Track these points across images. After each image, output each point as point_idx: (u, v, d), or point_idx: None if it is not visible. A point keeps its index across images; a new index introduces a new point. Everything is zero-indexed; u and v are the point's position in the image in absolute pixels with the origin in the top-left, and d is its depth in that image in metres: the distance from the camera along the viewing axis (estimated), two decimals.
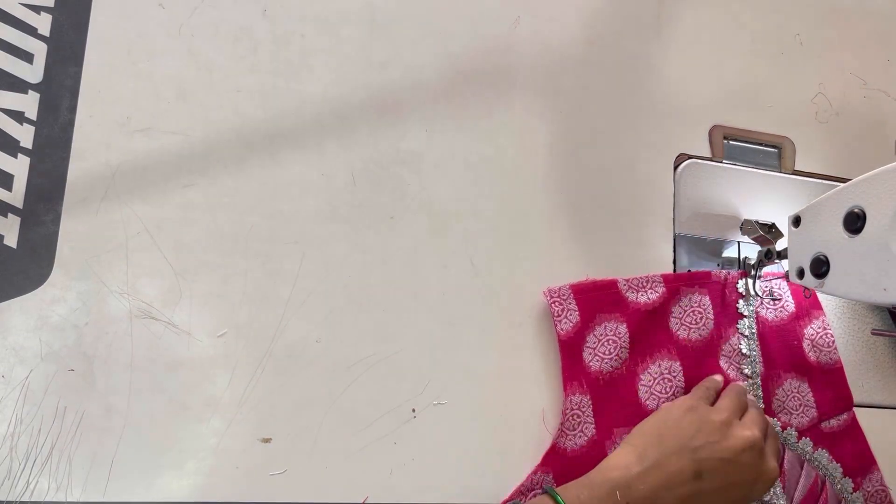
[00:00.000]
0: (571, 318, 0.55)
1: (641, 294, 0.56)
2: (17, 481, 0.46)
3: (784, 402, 0.58)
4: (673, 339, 0.56)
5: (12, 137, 0.51)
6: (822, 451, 0.57)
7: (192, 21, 0.55)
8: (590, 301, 0.56)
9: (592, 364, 0.55)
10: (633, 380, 0.55)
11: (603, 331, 0.55)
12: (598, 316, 0.56)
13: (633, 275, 0.57)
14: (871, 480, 0.58)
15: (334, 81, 0.57)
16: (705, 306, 0.57)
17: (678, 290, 0.57)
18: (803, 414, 0.58)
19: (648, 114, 0.62)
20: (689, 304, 0.57)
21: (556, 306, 0.55)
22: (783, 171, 0.63)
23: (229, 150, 0.54)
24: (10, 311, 0.48)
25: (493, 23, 0.60)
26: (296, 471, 0.50)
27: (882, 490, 0.58)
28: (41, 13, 0.53)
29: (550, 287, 0.56)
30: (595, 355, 0.55)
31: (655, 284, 0.57)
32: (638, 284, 0.57)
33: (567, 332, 0.55)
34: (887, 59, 0.68)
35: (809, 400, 0.58)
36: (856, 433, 0.58)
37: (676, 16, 0.64)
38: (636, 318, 0.56)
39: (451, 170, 0.57)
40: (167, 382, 0.49)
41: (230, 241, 0.52)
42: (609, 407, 0.55)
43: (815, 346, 0.59)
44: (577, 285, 0.56)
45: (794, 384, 0.58)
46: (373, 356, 0.52)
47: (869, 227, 0.45)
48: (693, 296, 0.57)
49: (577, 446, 0.54)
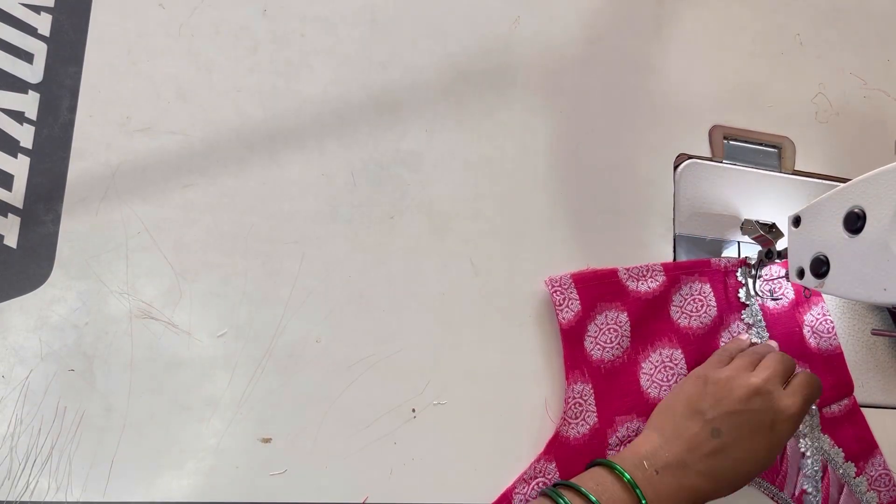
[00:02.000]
0: (573, 308, 0.55)
1: (642, 283, 0.57)
2: (17, 481, 0.46)
3: None
4: (674, 328, 0.57)
5: (12, 137, 0.51)
6: (824, 436, 0.57)
7: (192, 21, 0.55)
8: (591, 290, 0.56)
9: (594, 353, 0.55)
10: (634, 368, 0.56)
11: (604, 319, 0.56)
12: (599, 305, 0.56)
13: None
14: (874, 464, 0.58)
15: (334, 81, 0.57)
16: (706, 294, 0.58)
17: (678, 279, 0.57)
18: None
19: (648, 114, 0.62)
20: (689, 292, 0.57)
21: (557, 295, 0.55)
22: (783, 171, 0.63)
23: (229, 150, 0.54)
24: (10, 311, 0.48)
25: (493, 23, 0.60)
26: (296, 471, 0.50)
27: (885, 474, 0.58)
28: (41, 13, 0.53)
29: (552, 276, 0.56)
30: (596, 344, 0.55)
31: (656, 273, 0.57)
32: (638, 273, 0.57)
33: (569, 321, 0.55)
34: (887, 59, 0.68)
35: None
36: (857, 418, 0.59)
37: (676, 16, 0.64)
38: (637, 306, 0.56)
39: (451, 170, 0.57)
40: (167, 382, 0.49)
41: (230, 241, 0.52)
42: (611, 395, 0.55)
43: (815, 332, 0.59)
44: (577, 274, 0.56)
45: (797, 370, 0.58)
46: (373, 356, 0.52)
47: (869, 227, 0.45)
48: (693, 284, 0.58)
49: (580, 434, 0.54)
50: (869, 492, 0.57)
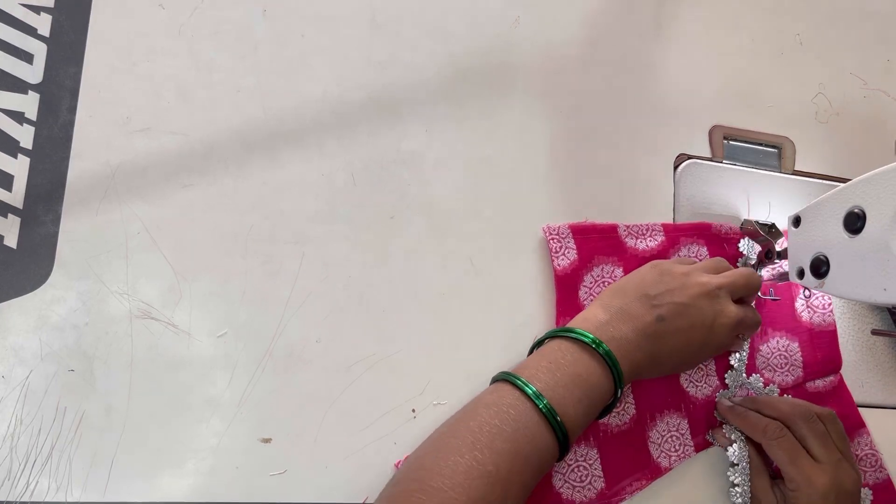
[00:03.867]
0: (569, 256, 0.56)
1: (641, 241, 0.57)
2: (17, 481, 0.46)
3: (768, 359, 0.58)
4: None
5: (12, 137, 0.51)
6: None
7: (192, 21, 0.55)
8: (588, 242, 0.56)
9: (587, 303, 0.55)
10: None
11: (600, 272, 0.56)
12: (596, 258, 0.56)
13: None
14: (861, 444, 0.57)
15: (334, 81, 0.57)
16: (703, 257, 0.58)
17: (677, 240, 0.58)
18: (788, 373, 0.57)
19: (648, 114, 0.62)
20: (687, 254, 0.58)
21: (553, 243, 0.56)
22: (783, 171, 0.63)
23: (229, 150, 0.54)
24: (10, 311, 0.48)
25: (493, 23, 0.60)
26: (296, 471, 0.50)
27: (872, 454, 0.57)
28: (41, 13, 0.53)
29: (549, 224, 0.56)
30: (591, 295, 0.56)
31: (655, 233, 0.58)
32: (638, 231, 0.58)
33: (564, 268, 0.56)
34: (887, 59, 0.68)
35: (797, 360, 0.58)
36: (842, 395, 0.58)
37: (676, 16, 0.64)
38: (634, 263, 0.56)
39: (451, 170, 0.57)
40: (167, 382, 0.49)
41: (230, 241, 0.52)
42: None
43: (809, 306, 0.59)
44: (575, 225, 0.57)
45: (783, 343, 0.58)
46: (373, 356, 0.52)
47: (869, 227, 0.45)
48: (692, 246, 0.58)
49: None
50: None
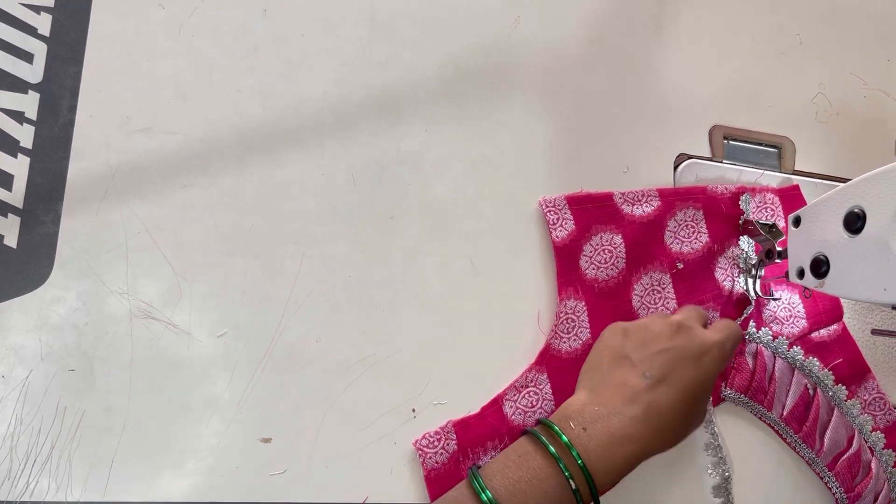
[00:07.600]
0: (566, 227, 0.56)
1: (637, 207, 0.57)
2: (17, 481, 0.46)
3: (775, 313, 0.58)
4: (666, 252, 0.57)
5: (12, 137, 0.51)
6: (813, 359, 0.57)
7: (192, 21, 0.55)
8: (585, 212, 0.56)
9: (588, 271, 0.56)
10: (627, 289, 0.56)
11: (599, 241, 0.56)
12: (594, 227, 0.56)
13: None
14: (867, 389, 0.58)
15: (334, 81, 0.57)
16: (699, 220, 0.58)
17: (673, 205, 0.58)
18: (793, 325, 0.58)
19: (648, 114, 0.62)
20: (683, 218, 0.58)
21: (550, 215, 0.56)
22: (783, 171, 0.63)
23: (229, 150, 0.54)
24: (10, 311, 0.48)
25: (493, 23, 0.60)
26: (296, 471, 0.50)
27: (880, 397, 0.58)
28: (41, 13, 0.53)
29: (545, 197, 0.56)
30: (591, 263, 0.56)
31: (651, 198, 0.58)
32: (634, 198, 0.58)
33: (562, 238, 0.56)
34: (887, 59, 0.68)
35: (800, 311, 0.58)
36: (846, 342, 0.59)
37: (676, 16, 0.64)
38: (631, 230, 0.57)
39: (451, 170, 0.57)
40: (167, 382, 0.49)
41: (230, 241, 0.52)
42: (604, 313, 0.55)
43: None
44: (572, 196, 0.57)
45: (786, 295, 0.59)
46: (373, 356, 0.52)
47: (869, 227, 0.45)
48: (688, 210, 0.58)
49: (572, 349, 0.54)
50: (862, 415, 0.57)
